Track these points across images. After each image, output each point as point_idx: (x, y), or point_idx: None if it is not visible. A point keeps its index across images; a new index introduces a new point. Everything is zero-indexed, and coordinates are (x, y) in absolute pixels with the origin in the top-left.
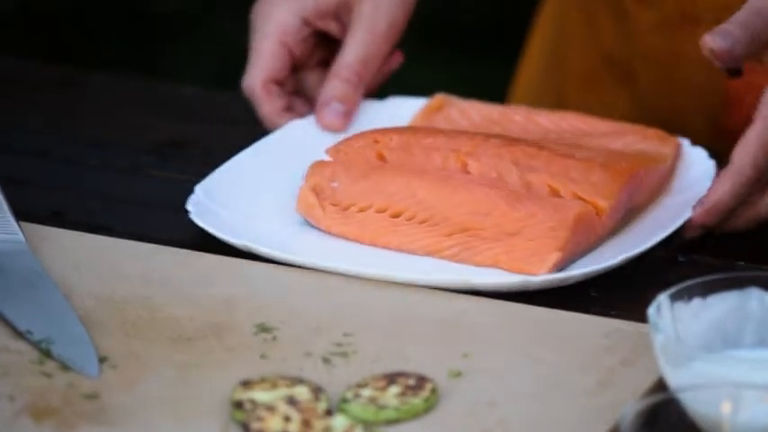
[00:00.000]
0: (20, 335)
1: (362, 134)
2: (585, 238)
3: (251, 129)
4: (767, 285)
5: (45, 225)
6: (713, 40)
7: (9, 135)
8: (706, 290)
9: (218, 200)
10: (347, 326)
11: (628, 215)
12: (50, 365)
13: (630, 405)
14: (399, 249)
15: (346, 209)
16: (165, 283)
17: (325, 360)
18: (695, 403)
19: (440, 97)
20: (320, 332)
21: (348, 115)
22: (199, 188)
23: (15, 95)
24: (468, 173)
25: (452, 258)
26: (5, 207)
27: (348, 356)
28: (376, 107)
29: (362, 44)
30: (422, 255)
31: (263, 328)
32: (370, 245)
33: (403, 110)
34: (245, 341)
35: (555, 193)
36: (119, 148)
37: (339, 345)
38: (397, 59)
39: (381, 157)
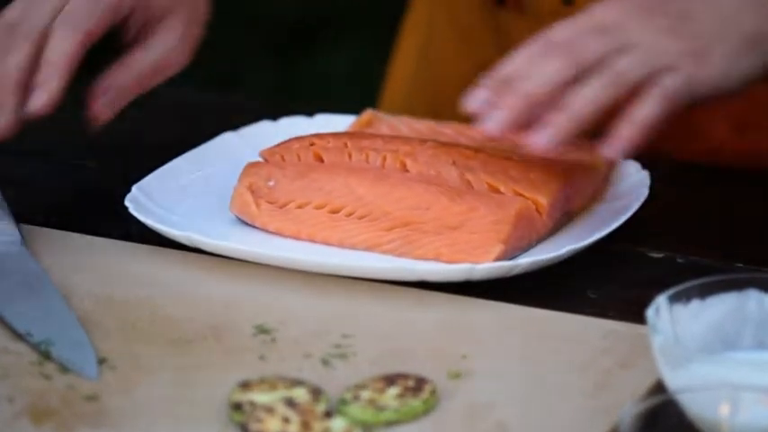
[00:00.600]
0: (19, 336)
1: (299, 138)
2: (527, 234)
3: None
4: (765, 287)
5: (45, 227)
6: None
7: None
8: (704, 291)
9: (156, 199)
10: (346, 327)
11: (564, 219)
12: (50, 367)
13: (629, 406)
14: (339, 244)
15: (283, 206)
16: (165, 284)
17: (325, 361)
18: (694, 405)
19: (369, 113)
20: (319, 334)
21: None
22: (136, 188)
23: None
24: (406, 172)
25: (393, 252)
26: (5, 208)
27: (347, 358)
28: (304, 123)
29: (161, 54)
30: (362, 249)
31: (263, 330)
32: (308, 240)
33: (331, 125)
34: (245, 343)
35: (495, 190)
36: (118, 151)
37: (338, 346)
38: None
39: (319, 159)
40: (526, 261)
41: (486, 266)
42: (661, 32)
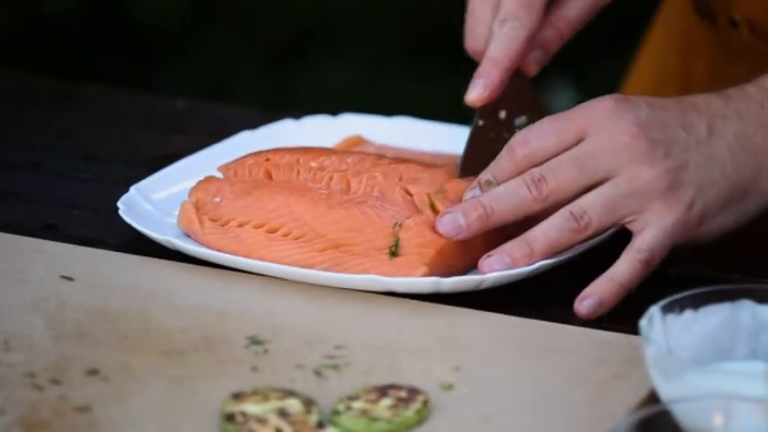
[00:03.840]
0: (9, 348)
1: (256, 153)
2: (460, 258)
3: None
4: (759, 298)
5: (38, 238)
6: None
7: (2, 148)
8: (698, 302)
9: (151, 200)
10: (339, 338)
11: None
12: (42, 378)
13: (623, 417)
14: (273, 263)
15: (225, 224)
16: (158, 295)
17: (317, 372)
18: (687, 416)
19: (356, 137)
20: (312, 345)
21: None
22: (134, 188)
23: (10, 108)
24: (349, 192)
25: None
26: None
27: (340, 369)
28: (328, 123)
29: (584, 10)
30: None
31: (255, 341)
32: (246, 258)
33: (353, 126)
34: (237, 354)
35: (435, 209)
36: (112, 162)
37: (331, 357)
38: None
39: (269, 175)
40: (493, 276)
41: (454, 280)
42: (644, 163)
